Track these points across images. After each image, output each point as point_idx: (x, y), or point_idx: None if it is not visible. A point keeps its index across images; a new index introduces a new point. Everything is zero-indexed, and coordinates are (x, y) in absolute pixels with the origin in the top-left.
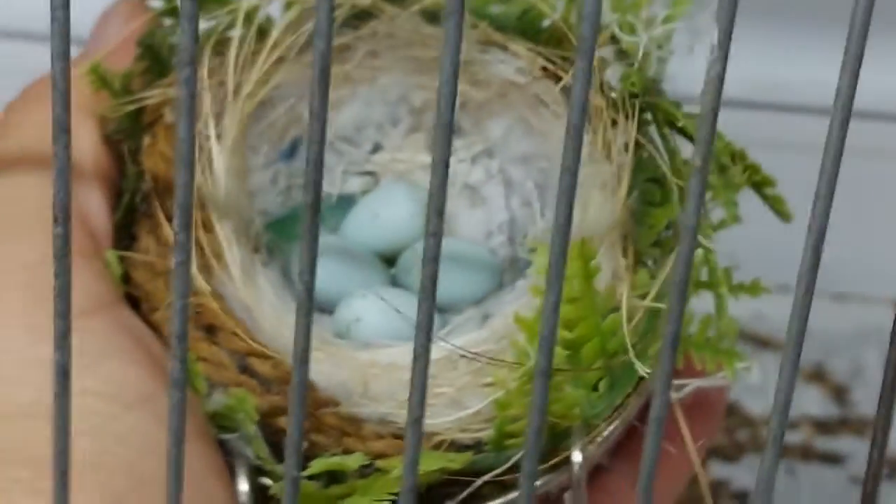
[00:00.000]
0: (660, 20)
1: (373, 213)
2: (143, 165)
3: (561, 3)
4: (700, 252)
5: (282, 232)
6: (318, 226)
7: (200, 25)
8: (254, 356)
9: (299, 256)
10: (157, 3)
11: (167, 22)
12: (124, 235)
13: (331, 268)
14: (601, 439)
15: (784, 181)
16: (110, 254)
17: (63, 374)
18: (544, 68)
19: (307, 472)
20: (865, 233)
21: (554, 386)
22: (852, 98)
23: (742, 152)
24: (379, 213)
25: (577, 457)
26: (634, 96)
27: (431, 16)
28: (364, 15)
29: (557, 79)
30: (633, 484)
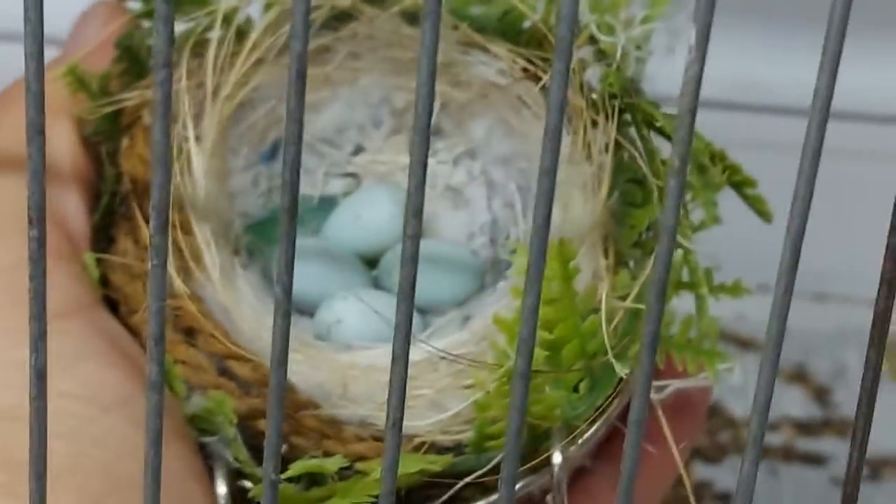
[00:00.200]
0: (638, 21)
1: (354, 215)
2: (121, 167)
3: (541, 5)
4: (680, 252)
5: (262, 234)
6: (295, 227)
7: (179, 27)
8: (233, 359)
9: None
10: (135, 5)
11: (145, 24)
12: (102, 238)
13: (312, 270)
14: (582, 441)
15: (763, 182)
16: (88, 256)
17: (39, 376)
18: (525, 69)
19: (286, 474)
20: (846, 233)
21: (534, 387)
22: (830, 98)
23: (722, 152)
24: (360, 215)
25: (557, 458)
26: (613, 97)
27: (411, 17)
28: (344, 16)
29: (538, 80)
30: (615, 486)
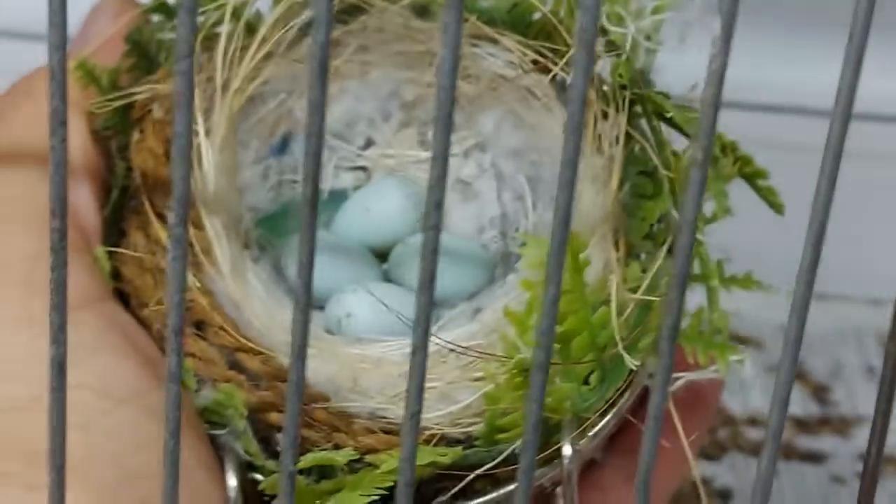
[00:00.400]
0: (648, 11)
1: (364, 208)
2: (131, 161)
3: None
4: None
5: (272, 228)
6: (316, 218)
7: None
8: (243, 352)
9: (291, 252)
10: (144, 0)
11: (155, 18)
12: (113, 231)
13: (322, 263)
14: (593, 433)
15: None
16: (100, 250)
17: (59, 368)
18: (534, 61)
19: (297, 466)
20: (845, 233)
21: None
22: (853, 96)
23: (733, 144)
24: (370, 208)
25: (567, 450)
26: (623, 87)
27: (421, 10)
28: (353, 10)
29: (547, 72)
30: (626, 478)
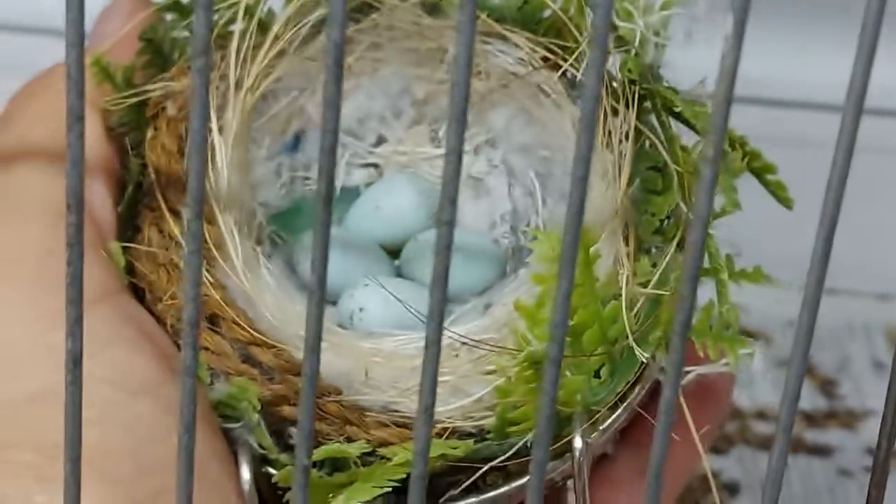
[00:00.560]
0: (657, 7)
1: (376, 205)
2: (145, 158)
3: None
4: None
5: (284, 224)
6: (330, 214)
7: None
8: (256, 346)
9: (303, 248)
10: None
11: (168, 17)
12: (127, 227)
13: (334, 259)
14: (604, 427)
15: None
16: (114, 245)
17: (75, 361)
18: (545, 58)
19: (310, 459)
20: (853, 228)
21: None
22: (865, 91)
23: (742, 139)
24: (382, 205)
25: (578, 443)
26: (632, 82)
27: (432, 7)
28: (365, 7)
29: (558, 68)
30: (636, 472)
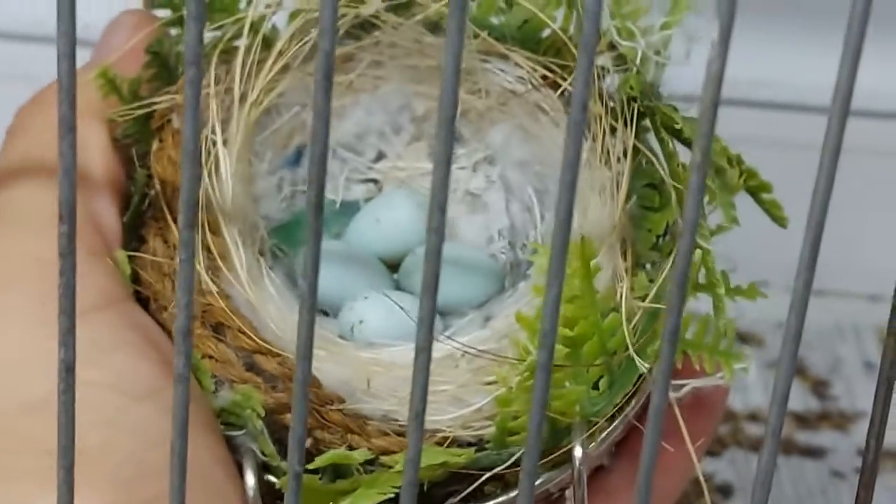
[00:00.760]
0: (657, 27)
1: (375, 219)
2: (151, 169)
3: (559, 14)
4: (699, 253)
5: (285, 237)
6: (321, 222)
7: (208, 34)
8: (260, 354)
9: (303, 259)
10: (163, 13)
11: (173, 31)
12: (133, 238)
13: (335, 272)
14: (602, 437)
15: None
16: (121, 253)
17: (68, 370)
18: (544, 77)
19: (314, 465)
20: (844, 229)
21: (555, 382)
22: (850, 93)
23: (738, 157)
24: (381, 219)
25: (577, 451)
26: (633, 99)
27: (433, 26)
28: (367, 25)
29: (556, 87)
30: (631, 484)
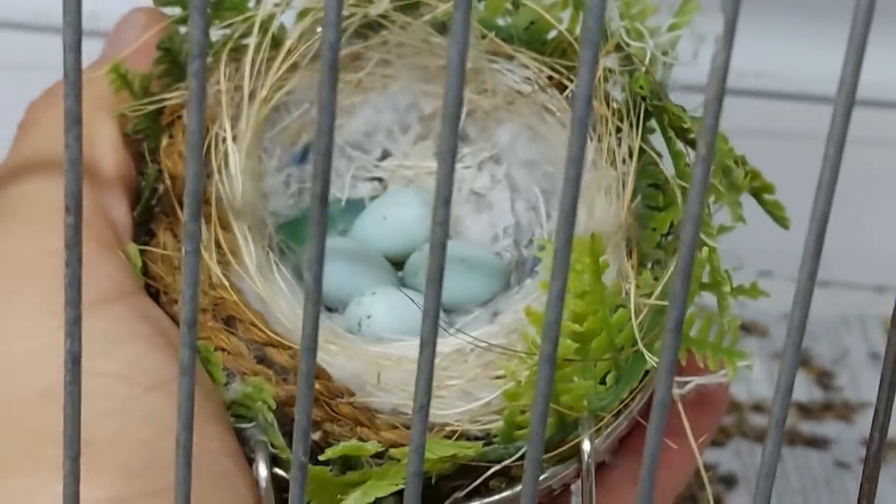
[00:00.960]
0: (665, 28)
1: (382, 216)
2: (161, 164)
3: (565, 15)
4: (705, 251)
5: (292, 233)
6: (326, 214)
7: (217, 33)
8: (271, 346)
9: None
10: (172, 11)
11: (182, 29)
12: (143, 232)
13: (341, 268)
14: (608, 432)
15: (765, 169)
16: (132, 247)
17: (74, 361)
18: (550, 77)
19: (325, 456)
20: (849, 221)
21: (563, 377)
22: (855, 85)
23: (743, 158)
24: (388, 216)
25: (587, 445)
26: (643, 99)
27: (441, 26)
28: (376, 25)
29: (563, 88)
30: (633, 480)
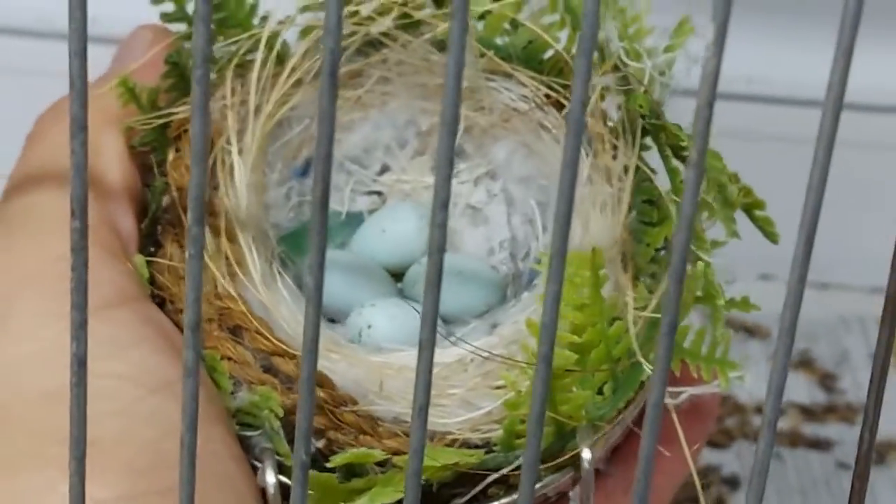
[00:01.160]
0: (661, 49)
1: (381, 229)
2: (168, 177)
3: (563, 35)
4: (701, 265)
5: (292, 245)
6: (326, 219)
7: (223, 49)
8: (277, 355)
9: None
10: (178, 27)
11: (187, 45)
12: (150, 243)
13: (341, 279)
14: (604, 440)
15: (758, 173)
16: (139, 257)
17: (80, 364)
18: (547, 95)
19: (331, 463)
20: (846, 223)
21: (563, 387)
22: (844, 89)
23: (735, 175)
24: (387, 229)
25: (587, 454)
26: (642, 117)
27: (440, 44)
28: (376, 43)
29: (560, 106)
30: (627, 489)
